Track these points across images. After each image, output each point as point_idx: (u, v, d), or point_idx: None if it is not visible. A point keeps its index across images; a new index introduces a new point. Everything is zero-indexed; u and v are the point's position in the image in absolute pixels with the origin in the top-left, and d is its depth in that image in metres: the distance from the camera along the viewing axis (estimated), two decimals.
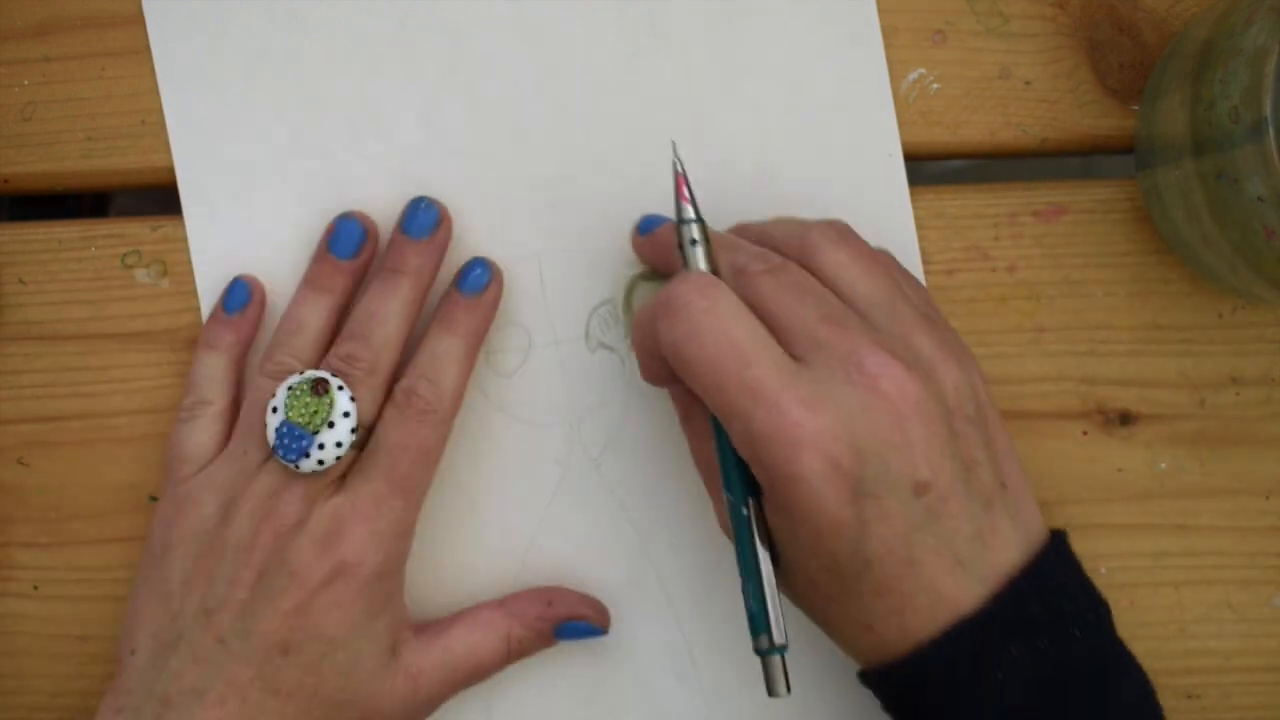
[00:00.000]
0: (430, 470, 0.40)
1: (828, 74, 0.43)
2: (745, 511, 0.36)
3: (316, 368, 0.40)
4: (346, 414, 0.38)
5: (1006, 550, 0.35)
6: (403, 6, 0.43)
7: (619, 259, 0.43)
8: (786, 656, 0.35)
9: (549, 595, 0.42)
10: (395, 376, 0.40)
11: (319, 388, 0.38)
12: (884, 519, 0.34)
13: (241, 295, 0.42)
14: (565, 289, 0.43)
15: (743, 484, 0.36)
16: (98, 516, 0.43)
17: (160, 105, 0.44)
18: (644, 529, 0.43)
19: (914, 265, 0.43)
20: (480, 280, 0.42)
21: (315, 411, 0.38)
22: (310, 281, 0.42)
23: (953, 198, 0.44)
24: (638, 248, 0.42)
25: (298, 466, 0.38)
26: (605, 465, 0.43)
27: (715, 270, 0.37)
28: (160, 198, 0.44)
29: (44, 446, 0.44)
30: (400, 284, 0.41)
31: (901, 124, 0.43)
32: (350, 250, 0.42)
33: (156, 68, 0.43)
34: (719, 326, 0.34)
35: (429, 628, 0.41)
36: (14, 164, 0.44)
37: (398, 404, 0.39)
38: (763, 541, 0.35)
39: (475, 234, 0.43)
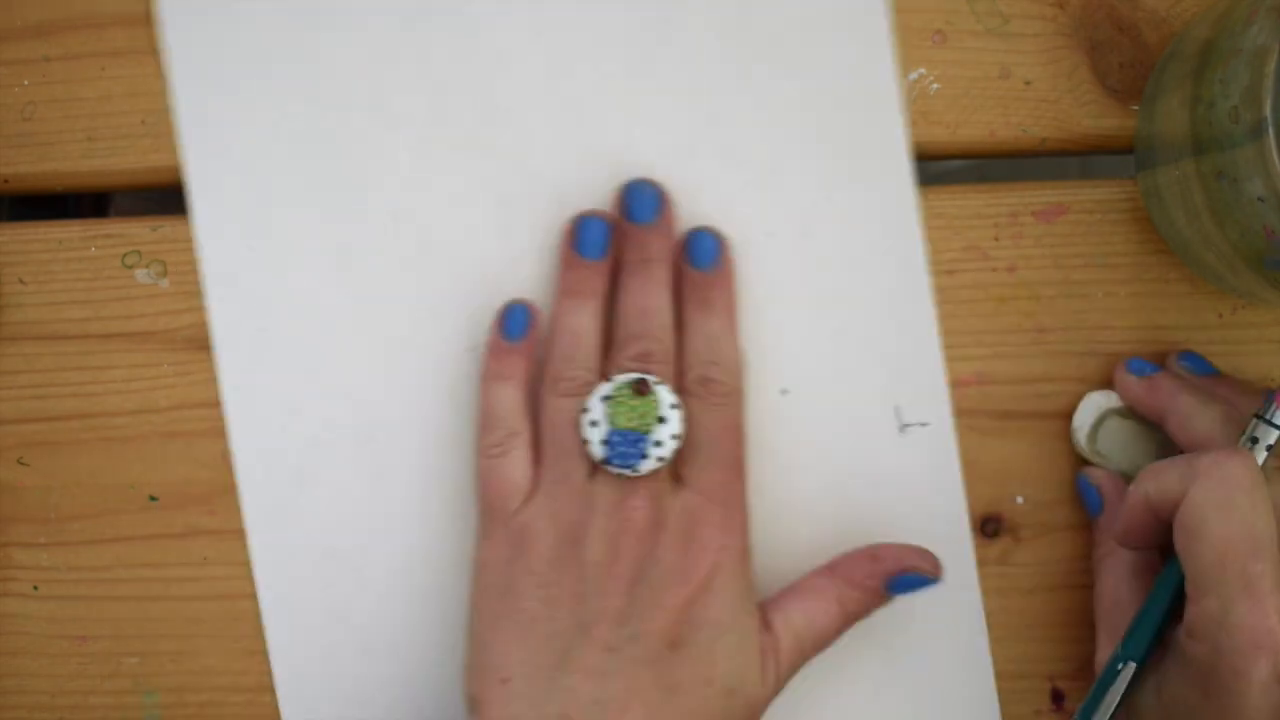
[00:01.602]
0: (746, 445, 0.40)
1: (836, 74, 0.43)
2: (1120, 668, 0.37)
3: (605, 374, 0.40)
4: (674, 405, 0.39)
5: None
6: (416, 4, 0.43)
7: None
8: None
9: (873, 551, 0.41)
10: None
11: (640, 388, 0.39)
12: None
13: (522, 320, 0.42)
14: None
15: (1145, 648, 0.37)
16: (98, 516, 0.43)
17: (161, 105, 0.43)
18: None
19: (919, 266, 0.43)
20: (713, 251, 0.41)
21: (644, 413, 0.38)
22: (570, 290, 0.41)
23: (953, 198, 0.44)
24: (1127, 388, 0.42)
25: (637, 469, 0.38)
26: None
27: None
28: (160, 198, 0.44)
29: (44, 446, 0.44)
30: (655, 272, 0.41)
31: None
32: (600, 249, 0.41)
33: (171, 65, 0.43)
34: (1251, 513, 0.35)
35: (765, 605, 0.40)
36: (14, 164, 0.44)
37: (699, 395, 0.40)
38: (1119, 704, 0.37)
39: (484, 231, 0.43)
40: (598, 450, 0.38)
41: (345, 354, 0.43)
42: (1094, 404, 0.42)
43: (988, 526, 0.43)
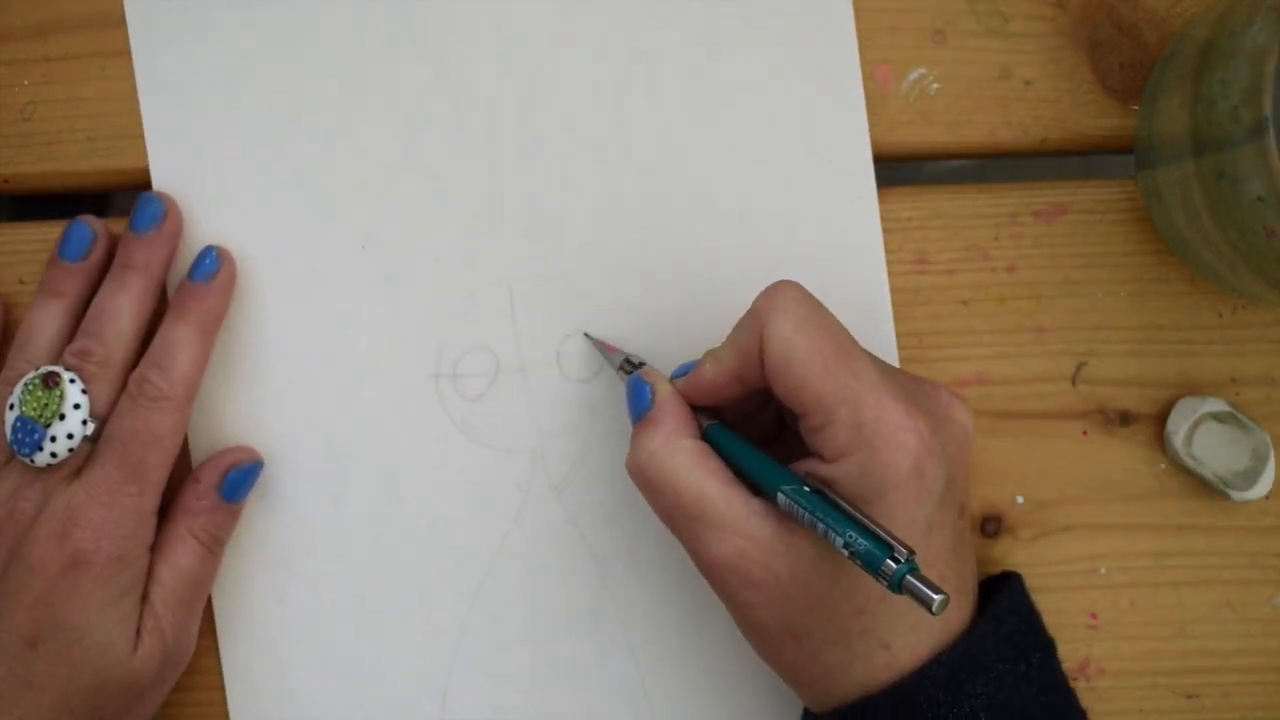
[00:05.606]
0: (166, 457, 0.40)
1: (804, 116, 0.43)
2: (808, 488, 0.35)
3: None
4: (77, 406, 0.39)
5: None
6: (384, 30, 0.43)
7: (591, 286, 0.43)
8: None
9: (194, 476, 0.42)
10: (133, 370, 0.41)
11: (50, 380, 0.39)
12: (940, 529, 0.36)
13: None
14: (535, 315, 0.43)
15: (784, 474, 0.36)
16: None
17: None
18: (603, 559, 0.43)
19: (883, 306, 0.43)
20: (210, 268, 0.42)
21: (46, 404, 0.39)
22: (43, 287, 0.42)
23: (953, 198, 0.44)
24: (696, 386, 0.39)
25: (32, 460, 0.39)
26: (566, 494, 0.43)
27: None
28: None
29: None
30: (129, 279, 0.41)
31: (901, 124, 0.43)
32: (79, 253, 0.42)
33: (138, 80, 0.43)
34: (824, 318, 0.36)
35: (144, 573, 0.40)
36: (14, 164, 0.44)
37: (130, 393, 0.40)
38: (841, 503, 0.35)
39: (448, 257, 0.43)
40: (6, 433, 0.39)
41: (307, 375, 0.43)
42: (1189, 408, 0.42)
43: (988, 526, 0.43)
